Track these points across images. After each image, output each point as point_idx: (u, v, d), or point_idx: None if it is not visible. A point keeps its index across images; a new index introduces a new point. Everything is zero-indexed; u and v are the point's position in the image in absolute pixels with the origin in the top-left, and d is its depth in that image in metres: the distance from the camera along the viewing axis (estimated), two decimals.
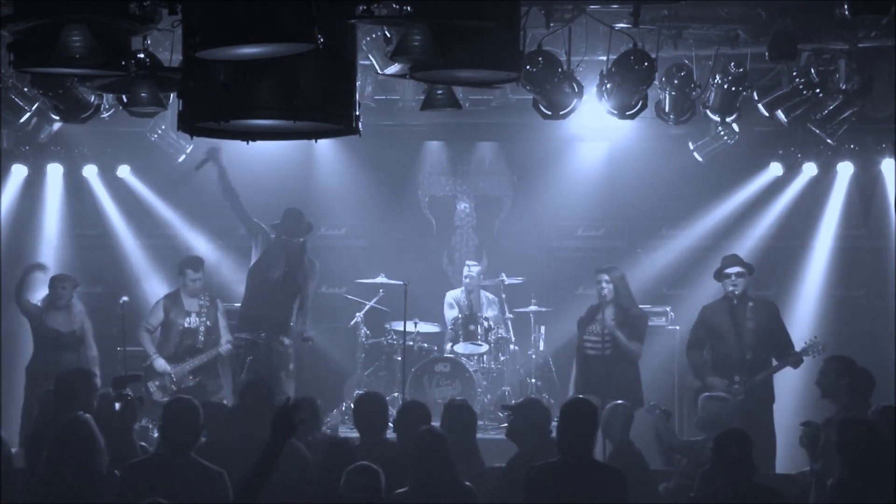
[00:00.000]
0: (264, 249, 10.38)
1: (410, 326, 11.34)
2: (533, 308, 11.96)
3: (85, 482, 6.33)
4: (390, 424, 7.44)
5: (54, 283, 10.78)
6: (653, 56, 8.60)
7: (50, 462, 6.44)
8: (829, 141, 10.31)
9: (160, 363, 10.59)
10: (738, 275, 9.97)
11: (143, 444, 7.49)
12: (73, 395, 7.53)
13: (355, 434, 7.57)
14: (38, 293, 10.89)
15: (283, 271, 10.26)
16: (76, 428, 6.45)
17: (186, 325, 10.76)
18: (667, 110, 9.59)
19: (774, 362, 9.91)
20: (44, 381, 9.32)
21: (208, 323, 10.76)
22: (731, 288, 9.96)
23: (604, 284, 9.96)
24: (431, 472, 6.28)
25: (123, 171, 12.37)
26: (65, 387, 7.66)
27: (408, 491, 6.28)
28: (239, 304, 10.84)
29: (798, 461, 8.07)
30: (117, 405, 7.20)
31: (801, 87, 9.23)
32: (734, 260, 10.15)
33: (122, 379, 7.62)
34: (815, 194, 12.33)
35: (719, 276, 10.12)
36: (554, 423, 6.95)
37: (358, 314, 12.01)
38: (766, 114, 9.56)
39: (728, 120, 9.70)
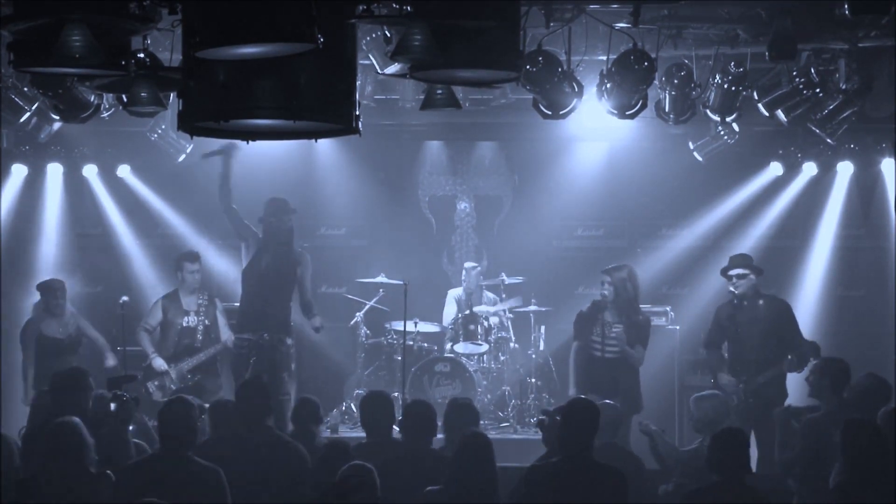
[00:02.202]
0: (256, 248, 10.31)
1: (410, 326, 11.33)
2: (533, 308, 11.96)
3: (74, 484, 6.31)
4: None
5: (48, 291, 10.73)
6: (653, 56, 8.59)
7: (42, 464, 6.44)
8: (829, 141, 10.30)
9: (158, 362, 10.60)
10: (738, 276, 9.88)
11: (137, 441, 7.47)
12: (69, 395, 7.52)
13: (355, 434, 7.57)
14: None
15: (272, 255, 10.18)
16: (64, 432, 6.44)
17: (185, 324, 10.76)
18: (667, 110, 9.58)
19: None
20: (44, 385, 9.35)
21: (207, 322, 10.76)
22: (731, 289, 9.93)
23: (605, 286, 9.85)
24: (473, 474, 6.26)
25: (123, 171, 12.37)
26: (60, 387, 7.65)
27: (441, 490, 6.26)
28: (238, 304, 10.81)
29: None
30: (112, 406, 7.19)
31: (801, 86, 9.23)
32: (738, 261, 10.03)
33: (117, 379, 7.59)
34: (815, 194, 12.33)
35: (724, 274, 10.09)
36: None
37: (358, 314, 12.01)
38: (766, 113, 9.55)
39: (728, 120, 9.69)
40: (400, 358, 11.25)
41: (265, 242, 10.22)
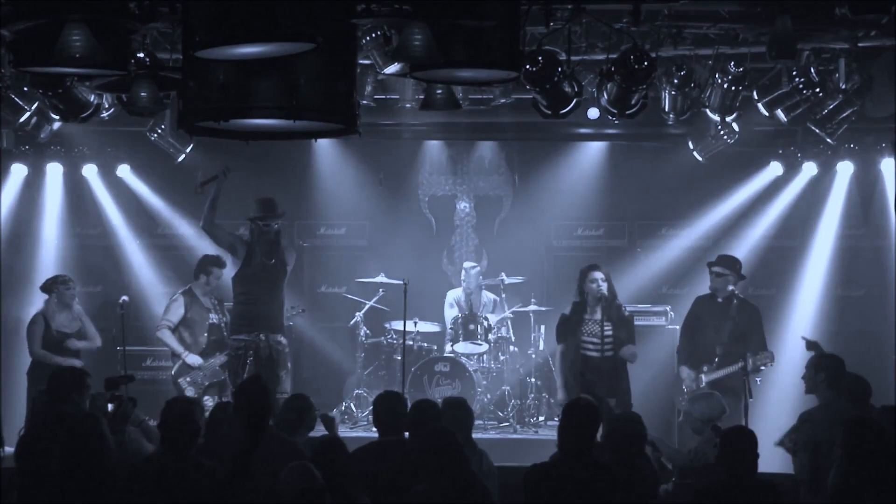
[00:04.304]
0: (245, 251, 10.26)
1: (410, 326, 11.33)
2: (533, 308, 11.96)
3: (95, 483, 6.30)
4: None
5: (60, 287, 10.67)
6: (652, 55, 8.59)
7: (62, 461, 6.42)
8: (828, 140, 10.30)
9: (193, 359, 10.60)
10: (717, 274, 10.18)
11: (137, 440, 7.45)
12: (66, 394, 7.51)
13: (355, 434, 7.56)
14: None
15: (262, 255, 10.14)
16: (88, 428, 6.43)
17: (212, 321, 10.79)
18: (667, 110, 9.58)
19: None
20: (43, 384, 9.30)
21: (225, 320, 10.79)
22: (711, 283, 10.22)
23: (600, 283, 9.64)
24: (444, 469, 6.26)
25: (123, 171, 12.38)
26: (57, 385, 7.63)
27: (424, 489, 6.25)
28: (230, 305, 10.77)
29: (779, 461, 8.10)
30: (110, 406, 7.17)
31: (800, 86, 9.23)
32: (723, 261, 10.33)
33: (115, 380, 7.57)
34: (815, 194, 12.32)
35: (709, 266, 10.36)
36: None
37: (358, 314, 12.02)
38: (766, 113, 9.56)
39: (728, 119, 9.70)
40: (400, 358, 11.25)
41: (253, 244, 10.19)
